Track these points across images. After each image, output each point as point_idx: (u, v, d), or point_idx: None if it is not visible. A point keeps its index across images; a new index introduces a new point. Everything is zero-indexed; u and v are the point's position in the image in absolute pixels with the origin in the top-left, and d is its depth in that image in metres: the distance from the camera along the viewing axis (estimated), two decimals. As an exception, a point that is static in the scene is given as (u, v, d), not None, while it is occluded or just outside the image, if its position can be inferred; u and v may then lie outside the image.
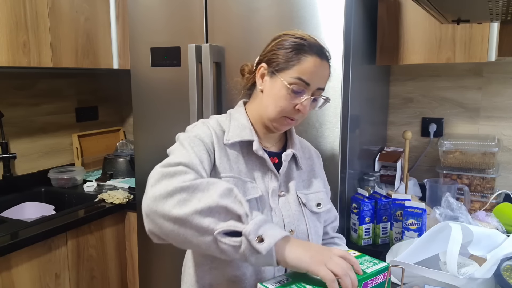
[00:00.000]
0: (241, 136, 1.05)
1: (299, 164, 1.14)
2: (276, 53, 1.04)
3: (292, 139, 1.15)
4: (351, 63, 1.50)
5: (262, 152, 1.06)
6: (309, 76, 1.01)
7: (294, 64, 1.02)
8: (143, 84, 1.82)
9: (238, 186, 1.01)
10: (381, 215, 1.56)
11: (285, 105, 1.03)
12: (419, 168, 2.09)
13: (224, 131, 1.07)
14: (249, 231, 0.79)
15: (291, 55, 1.02)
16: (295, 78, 1.01)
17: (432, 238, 1.19)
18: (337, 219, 1.27)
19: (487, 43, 1.58)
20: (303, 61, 1.01)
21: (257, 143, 1.06)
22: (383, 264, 0.89)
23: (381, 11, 1.74)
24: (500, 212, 1.59)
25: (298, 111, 1.03)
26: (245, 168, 1.05)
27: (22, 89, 2.25)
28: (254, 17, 1.56)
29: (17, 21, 1.82)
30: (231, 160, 1.04)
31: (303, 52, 1.02)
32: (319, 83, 1.04)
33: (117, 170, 2.41)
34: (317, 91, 1.04)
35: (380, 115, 2.04)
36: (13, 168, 2.21)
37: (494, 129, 1.94)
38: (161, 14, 1.74)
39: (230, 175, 1.02)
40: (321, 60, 1.03)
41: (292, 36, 1.04)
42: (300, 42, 1.03)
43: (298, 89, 1.02)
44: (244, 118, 1.09)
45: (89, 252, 1.93)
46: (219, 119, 1.11)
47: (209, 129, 1.04)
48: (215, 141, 1.03)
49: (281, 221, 1.06)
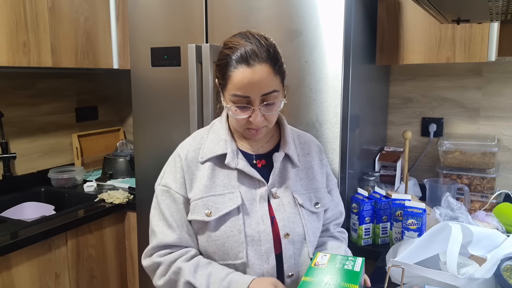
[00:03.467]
0: (214, 152, 1.07)
1: (295, 162, 1.12)
2: (215, 70, 1.04)
3: (285, 138, 1.12)
4: (351, 63, 1.50)
5: (236, 164, 1.06)
6: (244, 89, 0.97)
7: (227, 82, 1.00)
8: (143, 84, 1.82)
9: (208, 204, 1.04)
10: (381, 215, 1.56)
11: (239, 121, 1.02)
12: (419, 168, 2.09)
13: (199, 148, 1.09)
14: None
15: (222, 73, 1.01)
16: (232, 96, 0.99)
17: (432, 238, 1.19)
18: (342, 214, 1.26)
19: (487, 43, 1.58)
20: (232, 76, 0.98)
21: (230, 156, 1.06)
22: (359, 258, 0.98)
23: (381, 11, 1.74)
24: (500, 212, 1.59)
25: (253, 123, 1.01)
26: (223, 180, 1.06)
27: (22, 89, 2.25)
28: (253, 17, 1.56)
29: (17, 21, 1.82)
30: (206, 177, 1.06)
31: (229, 67, 0.98)
32: (259, 90, 0.98)
33: (117, 170, 2.41)
34: (265, 96, 0.99)
35: (380, 115, 2.04)
36: (13, 168, 2.21)
37: (494, 129, 1.94)
38: (161, 14, 1.74)
39: (198, 197, 1.05)
40: (249, 66, 0.96)
41: (224, 46, 1.01)
42: (226, 56, 0.99)
43: (241, 105, 0.99)
44: (223, 129, 1.10)
45: (89, 252, 1.93)
46: (198, 133, 1.15)
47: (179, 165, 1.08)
48: (185, 170, 1.07)
49: (269, 228, 1.05)
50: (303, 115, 1.52)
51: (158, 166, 1.78)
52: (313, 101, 1.50)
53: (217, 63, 1.03)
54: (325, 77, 1.47)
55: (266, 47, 0.99)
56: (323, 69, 1.47)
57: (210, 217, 1.03)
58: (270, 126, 1.06)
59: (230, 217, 1.04)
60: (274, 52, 1.00)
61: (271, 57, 0.99)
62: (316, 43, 1.47)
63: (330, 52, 1.45)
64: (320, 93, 1.48)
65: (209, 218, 1.03)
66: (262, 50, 0.98)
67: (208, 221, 1.03)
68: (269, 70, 0.98)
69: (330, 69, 1.46)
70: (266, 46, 0.99)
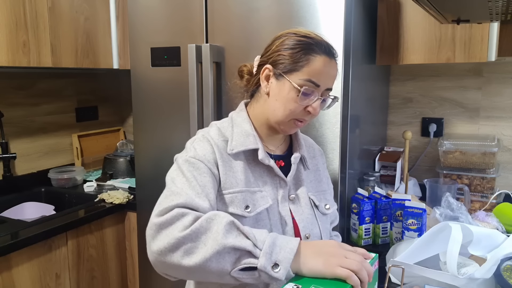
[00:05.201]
0: (245, 145, 1.01)
1: (306, 165, 1.11)
2: (282, 54, 0.99)
3: (299, 140, 1.12)
4: (351, 63, 1.50)
5: (268, 160, 1.03)
6: (319, 77, 0.98)
7: (302, 65, 0.97)
8: (143, 84, 1.82)
9: (247, 199, 0.98)
10: (381, 215, 1.56)
11: (295, 108, 0.99)
12: (419, 168, 2.09)
13: (227, 140, 1.02)
14: (264, 265, 0.80)
15: (299, 55, 0.97)
16: (304, 80, 0.97)
17: (432, 238, 1.19)
18: (337, 218, 1.27)
19: (487, 43, 1.58)
20: (312, 61, 0.97)
21: (263, 152, 1.02)
22: (372, 254, 0.94)
23: (381, 11, 1.74)
24: (500, 212, 1.59)
25: (308, 113, 1.00)
26: (252, 176, 1.02)
27: (22, 89, 2.25)
28: (254, 17, 1.56)
29: (17, 21, 1.82)
30: (237, 171, 1.00)
31: (312, 51, 0.97)
32: (328, 83, 1.00)
33: (117, 170, 2.41)
34: (326, 91, 1.01)
35: (380, 115, 2.04)
36: (13, 168, 2.21)
37: (494, 129, 1.94)
38: (161, 14, 1.74)
39: (238, 189, 0.98)
40: (330, 59, 0.99)
41: (297, 35, 1.00)
42: (307, 41, 0.98)
43: (308, 91, 0.97)
44: (247, 124, 1.05)
45: (89, 252, 1.93)
46: (220, 126, 1.06)
47: (210, 144, 1.00)
48: (218, 156, 0.98)
49: (291, 230, 1.03)
50: (303, 115, 1.52)
51: (158, 166, 1.79)
52: (313, 101, 1.50)
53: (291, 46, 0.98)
54: (325, 77, 1.47)
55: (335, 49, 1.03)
56: (323, 69, 1.47)
57: (250, 213, 0.98)
58: (309, 121, 1.06)
59: (261, 216, 1.00)
60: None
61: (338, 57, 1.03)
62: (316, 43, 1.47)
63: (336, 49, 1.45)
64: (320, 93, 1.48)
65: (248, 214, 0.98)
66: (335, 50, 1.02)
67: (247, 217, 0.98)
68: (337, 69, 1.02)
69: (330, 69, 1.46)
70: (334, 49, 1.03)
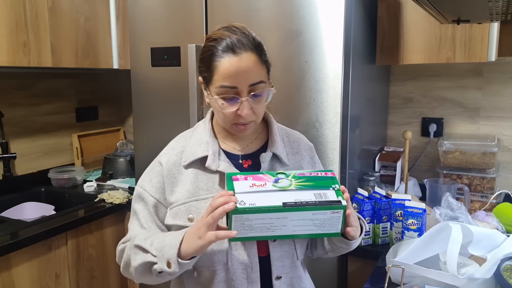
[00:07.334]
0: (195, 155, 1.04)
1: (284, 162, 1.08)
2: (200, 65, 1.02)
3: (273, 138, 1.09)
4: (351, 63, 1.50)
5: (216, 167, 1.03)
6: (230, 78, 0.95)
7: (213, 74, 0.96)
8: (143, 84, 1.82)
9: (191, 210, 1.03)
10: (381, 215, 1.56)
11: (226, 115, 0.99)
12: (419, 168, 2.09)
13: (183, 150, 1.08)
14: (161, 267, 0.94)
15: (207, 64, 0.97)
16: (219, 88, 0.96)
17: (432, 238, 1.19)
18: None
19: (487, 43, 1.58)
20: (218, 67, 0.95)
21: (212, 158, 1.03)
22: None
23: (381, 11, 1.74)
24: (500, 212, 1.59)
25: (240, 116, 0.98)
26: (206, 184, 1.04)
27: (22, 89, 2.25)
28: (254, 17, 1.56)
29: (17, 21, 1.82)
30: (186, 183, 1.04)
31: (214, 57, 0.95)
32: (247, 80, 0.95)
33: (117, 170, 2.41)
34: (253, 87, 0.97)
35: (380, 115, 2.04)
36: (13, 168, 2.21)
37: (494, 129, 1.94)
38: (161, 14, 1.74)
39: (181, 202, 1.04)
40: (236, 55, 0.94)
41: (207, 40, 0.99)
42: (210, 47, 0.97)
43: (228, 96, 0.96)
44: (205, 130, 1.08)
45: (89, 252, 1.93)
46: (184, 135, 1.12)
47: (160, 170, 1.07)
48: (165, 175, 1.06)
49: None
50: (303, 115, 1.52)
51: (158, 166, 1.78)
52: (313, 101, 1.50)
53: (201, 57, 1.00)
54: (325, 77, 1.47)
55: (251, 37, 0.98)
56: (323, 69, 1.47)
57: (192, 222, 1.00)
58: (258, 121, 1.03)
59: None
60: (259, 42, 0.99)
61: (257, 46, 0.98)
62: (316, 43, 1.47)
63: (330, 52, 1.45)
64: (320, 93, 1.49)
65: (191, 224, 1.00)
66: (247, 39, 0.97)
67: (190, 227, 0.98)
68: (255, 59, 0.96)
69: (330, 69, 1.46)
70: (251, 36, 0.98)
